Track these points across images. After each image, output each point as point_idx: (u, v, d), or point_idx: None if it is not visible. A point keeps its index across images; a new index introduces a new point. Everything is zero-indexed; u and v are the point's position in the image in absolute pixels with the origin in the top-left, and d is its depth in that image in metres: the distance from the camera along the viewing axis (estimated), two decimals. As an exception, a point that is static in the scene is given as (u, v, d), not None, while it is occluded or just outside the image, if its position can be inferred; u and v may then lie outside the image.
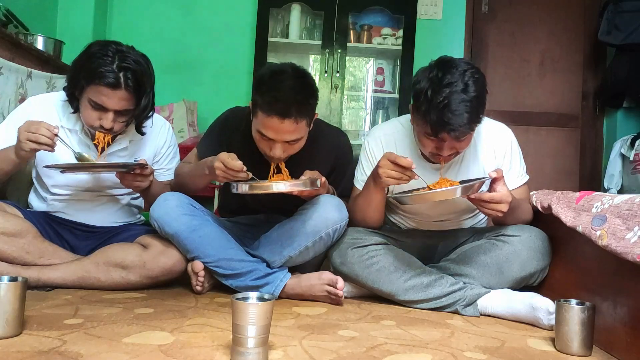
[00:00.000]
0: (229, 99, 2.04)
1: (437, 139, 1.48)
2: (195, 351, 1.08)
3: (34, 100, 1.72)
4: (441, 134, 1.45)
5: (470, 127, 1.46)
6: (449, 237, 1.75)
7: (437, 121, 1.43)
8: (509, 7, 3.62)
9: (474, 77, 1.45)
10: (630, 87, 3.25)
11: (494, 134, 1.68)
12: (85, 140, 1.68)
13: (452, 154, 1.54)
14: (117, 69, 1.50)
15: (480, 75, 1.48)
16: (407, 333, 1.31)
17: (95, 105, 1.53)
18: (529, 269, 1.54)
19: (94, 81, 1.50)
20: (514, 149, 1.68)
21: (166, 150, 1.82)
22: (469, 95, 1.42)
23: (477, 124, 1.49)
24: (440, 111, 1.41)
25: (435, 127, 1.44)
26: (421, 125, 1.51)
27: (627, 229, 1.15)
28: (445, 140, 1.47)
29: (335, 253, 1.64)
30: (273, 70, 1.55)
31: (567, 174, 3.60)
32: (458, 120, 1.41)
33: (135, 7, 3.53)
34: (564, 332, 1.21)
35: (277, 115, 1.46)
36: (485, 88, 1.48)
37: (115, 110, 1.54)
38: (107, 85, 1.50)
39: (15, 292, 1.09)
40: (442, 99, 1.41)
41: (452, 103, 1.41)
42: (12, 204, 1.65)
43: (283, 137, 1.51)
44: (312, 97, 1.55)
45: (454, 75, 1.43)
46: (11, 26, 2.47)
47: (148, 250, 1.61)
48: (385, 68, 3.60)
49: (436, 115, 1.42)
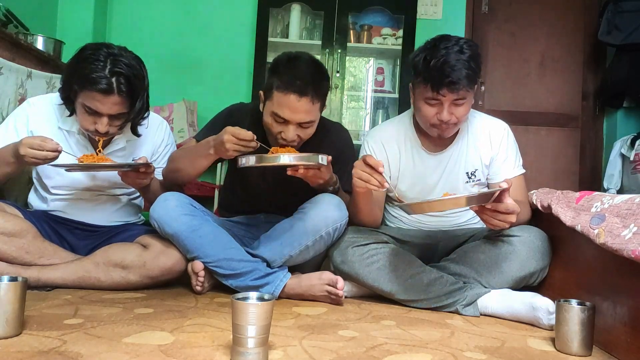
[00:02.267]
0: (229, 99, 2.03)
1: (437, 99, 1.54)
2: (195, 351, 1.08)
3: (34, 101, 1.71)
4: (442, 89, 1.52)
5: (468, 84, 1.52)
6: (449, 237, 1.76)
7: (436, 76, 1.51)
8: (509, 7, 3.62)
9: (468, 43, 1.55)
10: (630, 87, 3.25)
11: (490, 124, 1.75)
12: (82, 141, 1.68)
13: (453, 122, 1.58)
14: (109, 74, 1.48)
15: (474, 44, 1.57)
16: (407, 333, 1.31)
17: (89, 110, 1.52)
18: (528, 268, 1.54)
19: (87, 87, 1.48)
20: (509, 139, 1.73)
21: (164, 149, 1.82)
22: (465, 55, 1.52)
23: (473, 85, 1.55)
24: (439, 68, 1.50)
25: (435, 83, 1.52)
26: (421, 90, 1.57)
27: (624, 226, 1.16)
28: (445, 97, 1.53)
29: (336, 252, 1.64)
30: (289, 55, 1.62)
31: (567, 174, 3.60)
32: (457, 74, 1.50)
33: (135, 7, 3.53)
34: (564, 332, 1.21)
35: (296, 92, 1.51)
36: (480, 56, 1.57)
37: (110, 115, 1.53)
38: (100, 92, 1.48)
39: (15, 292, 1.09)
40: (439, 57, 1.51)
41: (450, 60, 1.50)
42: (12, 204, 1.66)
43: (298, 117, 1.53)
44: (326, 80, 1.61)
45: (449, 41, 1.54)
46: (11, 26, 2.47)
47: (148, 250, 1.61)
48: (385, 68, 3.60)
49: (436, 71, 1.51)
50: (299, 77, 1.51)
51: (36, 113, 1.67)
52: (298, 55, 1.61)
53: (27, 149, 1.42)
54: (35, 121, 1.66)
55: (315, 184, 1.58)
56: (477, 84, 1.60)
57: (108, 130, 1.55)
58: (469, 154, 1.71)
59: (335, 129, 1.83)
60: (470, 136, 1.72)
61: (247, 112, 1.73)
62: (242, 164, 1.45)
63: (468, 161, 1.71)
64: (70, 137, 1.67)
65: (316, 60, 1.64)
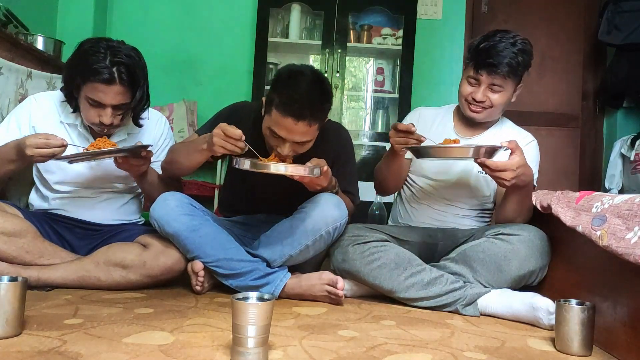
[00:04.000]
0: (229, 99, 2.03)
1: (477, 79, 1.66)
2: (195, 351, 1.08)
3: (37, 97, 1.75)
4: (481, 69, 1.64)
5: (508, 72, 1.63)
6: (449, 236, 1.76)
7: (480, 57, 1.64)
8: (509, 7, 3.62)
9: (524, 40, 1.67)
10: (630, 87, 3.25)
11: (519, 133, 1.82)
12: (84, 134, 1.71)
13: (486, 105, 1.69)
14: (110, 64, 1.54)
15: (528, 43, 1.68)
16: (407, 333, 1.31)
17: (93, 103, 1.57)
18: (527, 267, 1.55)
19: (90, 79, 1.54)
20: (533, 151, 1.77)
21: (163, 142, 1.85)
22: (516, 48, 1.63)
23: (512, 74, 1.65)
24: (485, 50, 1.64)
25: (477, 62, 1.64)
26: (467, 69, 1.72)
27: (627, 229, 1.15)
28: (483, 78, 1.65)
29: (337, 250, 1.65)
30: (292, 70, 1.56)
31: (567, 174, 3.60)
32: (499, 59, 1.62)
33: (135, 7, 3.53)
34: (564, 332, 1.21)
35: (292, 116, 1.47)
36: (531, 55, 1.68)
37: (113, 106, 1.58)
38: (102, 82, 1.53)
39: (15, 292, 1.09)
40: (491, 42, 1.64)
41: (499, 45, 1.63)
42: (12, 204, 1.66)
43: (294, 138, 1.51)
44: (327, 102, 1.56)
45: (508, 33, 1.67)
46: (11, 26, 2.47)
47: (148, 249, 1.61)
48: (385, 68, 3.60)
49: (482, 52, 1.64)
50: (297, 99, 1.46)
51: (39, 109, 1.71)
52: (300, 71, 1.54)
53: (34, 149, 1.46)
54: (37, 117, 1.70)
55: (313, 189, 1.59)
56: (519, 79, 1.70)
57: (112, 122, 1.60)
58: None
59: (335, 129, 1.82)
60: (497, 134, 1.79)
61: (250, 112, 1.73)
62: (235, 165, 1.46)
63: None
64: (73, 131, 1.71)
65: (319, 77, 1.57)
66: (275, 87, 1.53)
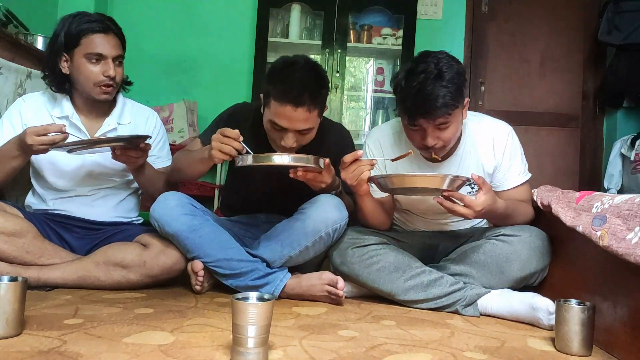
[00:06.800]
0: (229, 99, 2.03)
1: (416, 127, 1.50)
2: (195, 351, 1.08)
3: (24, 98, 1.78)
4: (417, 120, 1.47)
5: (444, 111, 1.45)
6: (449, 237, 1.76)
7: (411, 107, 1.46)
8: (509, 7, 3.62)
9: (449, 64, 1.47)
10: (630, 87, 3.25)
11: (493, 130, 1.68)
12: (77, 124, 1.73)
13: (440, 146, 1.52)
14: (99, 17, 1.68)
15: (455, 63, 1.50)
16: (407, 333, 1.31)
17: (94, 59, 1.64)
18: (529, 268, 1.54)
19: (87, 35, 1.63)
20: (514, 145, 1.66)
21: (156, 136, 1.85)
22: (443, 80, 1.44)
23: (452, 109, 1.47)
24: (413, 96, 1.45)
25: (410, 113, 1.47)
26: (402, 116, 1.54)
27: (628, 229, 1.15)
28: (423, 127, 1.48)
29: (335, 253, 1.64)
30: (285, 61, 1.59)
31: (567, 174, 3.60)
32: (431, 104, 1.43)
33: (135, 7, 3.52)
34: (564, 332, 1.21)
35: (291, 103, 1.48)
36: (462, 75, 1.50)
37: (113, 58, 1.66)
38: (100, 32, 1.64)
39: (15, 292, 1.09)
40: (415, 84, 1.45)
41: (425, 87, 1.44)
42: (12, 204, 1.66)
43: (296, 126, 1.52)
44: (323, 87, 1.57)
45: (428, 64, 1.47)
46: (11, 26, 2.46)
47: (148, 249, 1.61)
48: (385, 68, 3.60)
49: (410, 101, 1.46)
50: (294, 86, 1.48)
51: (28, 109, 1.74)
52: (294, 60, 1.57)
53: (34, 137, 1.48)
54: (28, 116, 1.72)
55: (317, 187, 1.58)
56: (461, 103, 1.51)
57: (115, 74, 1.67)
58: (470, 164, 1.65)
59: (336, 129, 1.82)
60: (471, 145, 1.66)
61: (250, 113, 1.73)
62: (238, 162, 1.45)
63: (470, 172, 1.60)
64: (64, 122, 1.70)
65: (313, 64, 1.60)
66: (271, 79, 1.55)
